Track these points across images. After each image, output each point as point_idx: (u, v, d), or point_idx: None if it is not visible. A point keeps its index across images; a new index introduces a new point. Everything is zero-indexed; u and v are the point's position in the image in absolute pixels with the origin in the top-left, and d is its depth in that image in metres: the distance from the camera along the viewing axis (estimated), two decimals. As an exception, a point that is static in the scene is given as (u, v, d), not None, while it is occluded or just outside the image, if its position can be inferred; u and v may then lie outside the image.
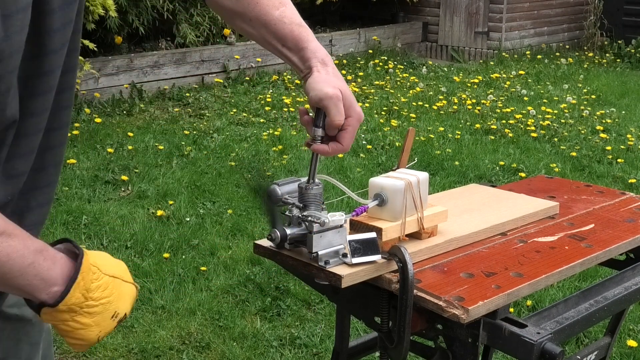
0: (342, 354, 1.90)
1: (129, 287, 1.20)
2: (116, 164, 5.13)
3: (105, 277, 1.15)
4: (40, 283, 1.09)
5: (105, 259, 1.18)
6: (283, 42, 1.42)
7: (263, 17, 1.40)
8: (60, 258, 1.12)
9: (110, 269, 1.17)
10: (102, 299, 1.13)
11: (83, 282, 1.11)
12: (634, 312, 3.38)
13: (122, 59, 7.14)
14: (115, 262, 1.20)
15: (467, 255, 1.61)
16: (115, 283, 1.16)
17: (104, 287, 1.14)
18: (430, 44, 10.36)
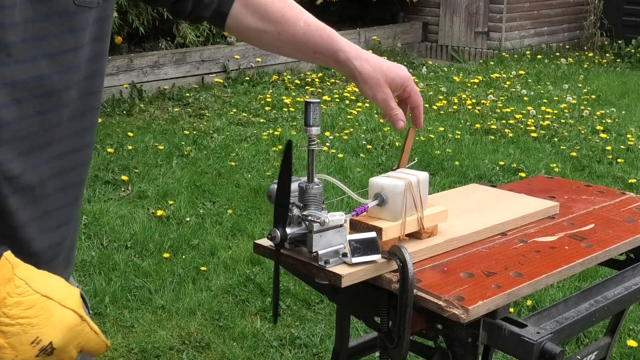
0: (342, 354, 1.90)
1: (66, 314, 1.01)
2: (116, 164, 5.13)
3: (33, 295, 0.98)
4: None
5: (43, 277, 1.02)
6: (315, 49, 1.45)
7: (291, 29, 1.42)
8: None
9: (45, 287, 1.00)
10: (21, 318, 0.97)
11: None
12: (634, 312, 3.38)
13: (122, 59, 7.14)
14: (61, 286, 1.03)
15: (467, 255, 1.61)
16: (46, 304, 0.99)
17: (28, 305, 0.97)
18: (430, 44, 10.36)
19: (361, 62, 1.45)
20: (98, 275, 3.63)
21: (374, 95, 1.48)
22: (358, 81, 1.47)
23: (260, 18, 1.42)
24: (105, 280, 3.58)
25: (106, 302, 3.36)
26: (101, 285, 3.52)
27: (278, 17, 1.41)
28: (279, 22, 1.41)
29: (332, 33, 1.46)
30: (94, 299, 3.39)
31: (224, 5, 1.40)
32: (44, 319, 0.98)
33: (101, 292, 3.44)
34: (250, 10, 1.41)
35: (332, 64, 1.46)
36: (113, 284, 3.53)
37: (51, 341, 0.99)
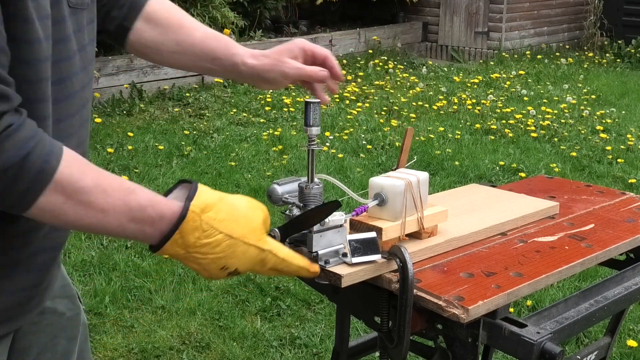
0: (342, 354, 1.90)
1: (249, 249, 1.16)
2: (116, 164, 5.13)
3: (218, 235, 1.13)
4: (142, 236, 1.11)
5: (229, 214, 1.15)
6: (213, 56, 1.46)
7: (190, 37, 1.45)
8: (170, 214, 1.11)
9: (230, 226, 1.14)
10: (210, 254, 1.13)
11: (182, 240, 1.11)
12: (634, 312, 3.38)
13: (122, 59, 7.14)
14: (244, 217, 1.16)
15: (467, 255, 1.61)
16: (229, 243, 1.14)
17: (214, 244, 1.13)
18: (430, 44, 10.36)
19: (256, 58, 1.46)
20: (98, 275, 3.63)
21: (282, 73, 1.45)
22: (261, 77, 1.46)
23: (161, 31, 1.45)
24: (105, 280, 3.58)
25: (106, 302, 3.36)
26: (101, 285, 3.52)
27: (177, 27, 1.45)
28: (178, 31, 1.44)
29: (229, 39, 1.49)
30: (94, 299, 3.39)
31: (128, 20, 1.43)
32: (229, 253, 1.14)
33: (101, 292, 3.44)
34: (151, 24, 1.45)
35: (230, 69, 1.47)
36: (113, 284, 3.53)
37: (236, 268, 1.17)
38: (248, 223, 1.17)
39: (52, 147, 1.02)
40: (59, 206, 1.03)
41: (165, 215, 1.11)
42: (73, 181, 1.03)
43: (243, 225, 1.16)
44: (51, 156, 1.01)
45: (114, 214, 1.07)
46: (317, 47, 1.49)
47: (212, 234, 1.12)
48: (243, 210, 1.17)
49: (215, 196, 1.15)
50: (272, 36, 8.86)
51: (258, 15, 8.74)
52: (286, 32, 9.14)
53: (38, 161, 1.00)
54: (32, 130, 1.01)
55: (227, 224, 1.14)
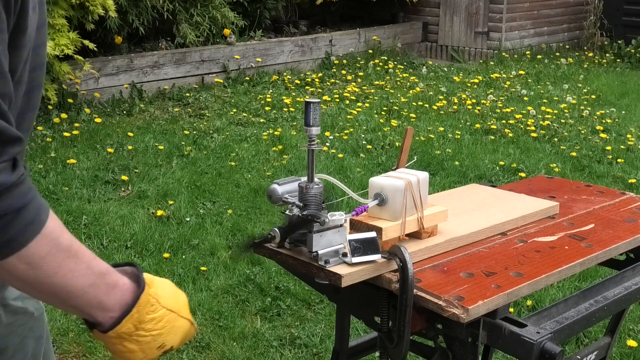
0: (342, 354, 1.90)
1: (183, 323, 1.21)
2: (116, 164, 5.13)
3: (162, 310, 1.17)
4: (97, 306, 1.12)
5: (168, 290, 1.20)
6: None
7: None
8: (122, 284, 1.14)
9: (169, 301, 1.18)
10: (153, 330, 1.16)
11: (137, 314, 1.14)
12: (634, 312, 3.38)
13: (122, 59, 7.14)
14: (176, 294, 1.22)
15: (467, 255, 1.61)
16: (170, 317, 1.18)
17: (158, 319, 1.16)
18: (430, 44, 10.36)
19: None
20: (98, 275, 3.62)
21: None
22: None
23: None
24: (105, 280, 3.57)
25: (106, 302, 3.36)
26: (101, 285, 3.51)
27: None
28: None
29: None
30: (94, 299, 3.39)
31: None
32: (169, 329, 1.18)
33: (101, 292, 3.44)
34: None
35: None
36: (113, 284, 3.53)
37: (172, 345, 1.20)
38: (180, 299, 1.22)
39: (42, 202, 1.06)
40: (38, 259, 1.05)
41: (119, 285, 1.13)
42: (55, 237, 1.06)
43: (177, 301, 1.21)
44: (41, 210, 1.05)
45: (80, 277, 1.09)
46: None
47: (157, 309, 1.16)
48: (172, 288, 1.22)
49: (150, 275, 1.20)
50: (272, 36, 8.86)
51: (258, 15, 8.74)
52: (286, 32, 9.14)
53: (32, 213, 1.03)
54: (30, 183, 1.05)
55: (166, 299, 1.18)
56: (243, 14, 8.43)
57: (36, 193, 1.05)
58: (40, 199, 1.06)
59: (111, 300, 1.12)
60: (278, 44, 8.42)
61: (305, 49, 8.66)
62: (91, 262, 1.11)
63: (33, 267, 1.04)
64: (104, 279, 1.12)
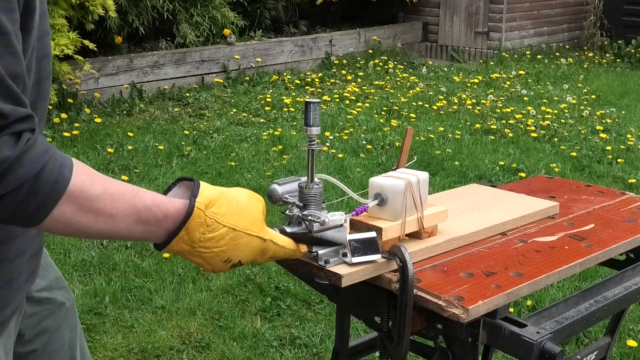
0: (342, 354, 1.90)
1: (251, 240, 1.20)
2: (116, 164, 5.13)
3: (222, 229, 1.16)
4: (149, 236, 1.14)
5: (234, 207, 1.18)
6: None
7: None
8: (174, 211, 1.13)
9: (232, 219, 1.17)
10: (214, 247, 1.16)
11: (188, 236, 1.13)
12: (634, 312, 3.38)
13: (122, 59, 7.14)
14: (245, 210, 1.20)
15: (467, 255, 1.61)
16: (233, 235, 1.17)
17: (218, 238, 1.16)
18: (430, 44, 10.36)
19: None
20: (98, 275, 3.63)
21: None
22: None
23: None
24: (105, 280, 3.58)
25: (106, 302, 3.36)
26: (101, 285, 3.52)
27: None
28: None
29: None
30: (94, 299, 3.39)
31: None
32: (232, 245, 1.17)
33: (101, 292, 3.44)
34: None
35: None
36: (113, 284, 3.53)
37: (240, 259, 1.20)
38: (249, 215, 1.20)
39: (63, 160, 1.04)
40: (71, 215, 1.05)
41: (169, 213, 1.13)
42: (84, 190, 1.05)
43: (245, 218, 1.19)
44: (64, 168, 1.03)
45: (122, 218, 1.09)
46: None
47: (216, 228, 1.15)
48: (244, 203, 1.20)
49: (217, 191, 1.18)
50: (272, 36, 8.86)
51: (258, 15, 8.74)
52: (286, 32, 9.14)
53: (52, 174, 1.02)
54: (45, 145, 1.03)
55: (229, 217, 1.17)
56: (243, 14, 8.43)
57: (54, 152, 1.04)
58: (61, 156, 1.04)
59: (163, 229, 1.13)
60: (278, 44, 8.42)
61: (305, 49, 8.66)
62: (133, 200, 1.10)
63: (69, 224, 1.05)
64: (150, 213, 1.11)
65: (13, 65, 1.00)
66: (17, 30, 1.01)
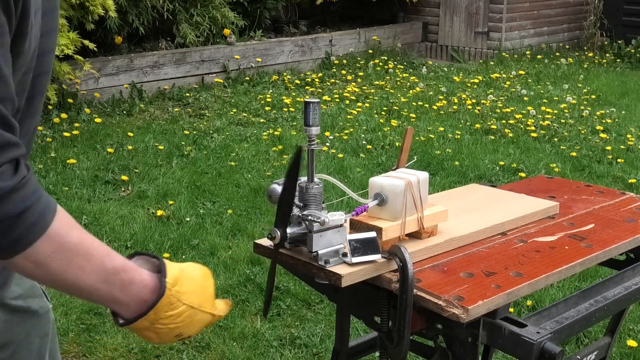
0: (342, 354, 1.90)
1: (205, 316, 1.22)
2: (116, 164, 5.13)
3: (182, 306, 1.17)
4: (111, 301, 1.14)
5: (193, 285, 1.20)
6: None
7: None
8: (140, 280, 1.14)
9: (191, 297, 1.18)
10: (170, 324, 1.17)
11: (154, 315, 1.15)
12: (634, 312, 3.38)
13: (122, 59, 7.14)
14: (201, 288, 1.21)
15: (467, 255, 1.61)
16: (190, 312, 1.19)
17: (177, 315, 1.17)
18: (430, 44, 10.36)
19: None
20: (98, 275, 3.62)
21: None
22: None
23: None
24: (105, 280, 3.57)
25: (106, 302, 3.36)
26: (101, 285, 3.51)
27: None
28: None
29: None
30: (94, 299, 3.39)
31: None
32: (188, 322, 1.19)
33: (101, 292, 3.43)
34: None
35: None
36: (113, 284, 3.53)
37: (189, 334, 1.21)
38: (204, 293, 1.22)
39: (48, 203, 1.06)
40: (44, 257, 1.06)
41: (135, 281, 1.14)
42: (62, 236, 1.07)
43: (200, 295, 1.21)
44: (47, 211, 1.05)
45: (91, 274, 1.10)
46: None
47: (177, 306, 1.17)
48: (199, 281, 1.22)
49: (178, 269, 1.19)
50: (272, 36, 8.86)
51: (258, 15, 8.74)
52: (286, 32, 9.14)
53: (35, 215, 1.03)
54: (35, 185, 1.05)
55: (188, 295, 1.18)
56: (243, 14, 8.43)
57: (42, 194, 1.05)
58: (47, 199, 1.06)
59: (127, 296, 1.13)
60: (278, 44, 8.42)
61: (305, 49, 8.66)
62: (104, 259, 1.11)
63: (39, 265, 1.06)
64: (118, 276, 1.12)
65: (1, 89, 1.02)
66: (5, 54, 1.02)
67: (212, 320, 1.24)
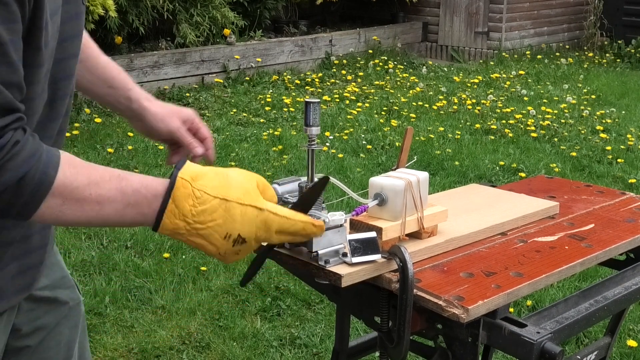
0: (342, 354, 1.90)
1: (246, 210, 1.16)
2: (116, 164, 5.13)
3: (213, 200, 1.14)
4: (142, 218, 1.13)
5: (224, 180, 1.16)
6: (110, 84, 1.51)
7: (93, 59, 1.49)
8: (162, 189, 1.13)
9: (223, 190, 1.15)
10: (209, 221, 1.13)
11: (177, 209, 1.12)
12: (634, 312, 3.38)
13: (122, 59, 7.14)
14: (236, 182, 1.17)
15: (467, 255, 1.60)
16: (225, 206, 1.14)
17: (211, 210, 1.13)
18: (430, 44, 10.36)
19: (150, 102, 1.54)
20: (98, 275, 3.63)
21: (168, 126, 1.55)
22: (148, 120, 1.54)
23: None
24: (105, 280, 3.58)
25: (106, 302, 3.36)
26: (101, 285, 3.52)
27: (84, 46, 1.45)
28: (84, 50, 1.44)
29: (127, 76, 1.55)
30: (94, 299, 3.39)
31: None
32: (228, 217, 1.14)
33: (101, 292, 3.44)
34: None
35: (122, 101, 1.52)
36: (113, 284, 3.53)
37: (239, 233, 1.15)
38: (241, 187, 1.17)
39: (50, 158, 1.07)
40: (57, 209, 1.07)
41: (159, 192, 1.13)
42: (67, 184, 1.07)
43: (236, 189, 1.16)
44: (48, 167, 1.06)
45: (110, 204, 1.10)
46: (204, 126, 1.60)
47: (207, 200, 1.13)
48: (235, 177, 1.18)
49: (206, 168, 1.18)
50: (272, 36, 8.86)
51: (258, 15, 8.74)
52: (286, 32, 9.14)
53: (37, 176, 1.04)
54: (33, 148, 1.05)
55: (219, 189, 1.15)
56: (243, 14, 8.43)
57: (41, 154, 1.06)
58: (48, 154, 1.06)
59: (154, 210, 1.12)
60: (278, 44, 8.42)
61: (305, 49, 8.66)
62: (119, 185, 1.11)
63: (57, 216, 1.08)
64: (139, 195, 1.12)
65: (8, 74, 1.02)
66: (15, 40, 1.02)
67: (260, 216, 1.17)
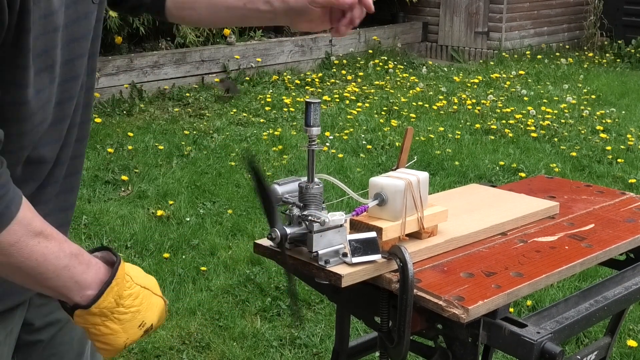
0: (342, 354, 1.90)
1: (158, 300, 1.24)
2: (116, 164, 5.13)
3: (137, 286, 1.19)
4: (74, 285, 1.14)
5: (138, 271, 1.23)
6: None
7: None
8: (95, 263, 1.17)
9: (142, 280, 1.22)
10: (132, 307, 1.18)
11: (117, 287, 1.16)
12: (634, 312, 3.38)
13: (122, 59, 7.14)
14: (146, 275, 1.25)
15: (467, 255, 1.60)
16: (145, 294, 1.20)
17: (135, 296, 1.18)
18: (430, 44, 10.36)
19: None
20: (98, 275, 3.62)
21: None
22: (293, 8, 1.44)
23: None
24: (105, 280, 3.57)
25: (106, 302, 3.36)
26: (101, 285, 3.51)
27: None
28: None
29: None
30: (94, 299, 3.39)
31: None
32: (146, 306, 1.20)
33: (101, 292, 3.43)
34: None
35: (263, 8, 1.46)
36: (113, 284, 3.53)
37: (152, 323, 1.21)
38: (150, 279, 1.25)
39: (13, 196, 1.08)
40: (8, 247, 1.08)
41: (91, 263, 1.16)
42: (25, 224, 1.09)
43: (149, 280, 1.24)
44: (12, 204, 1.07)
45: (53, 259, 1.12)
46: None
47: (133, 285, 1.19)
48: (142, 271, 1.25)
49: None
50: (272, 36, 8.86)
51: (258, 15, 8.73)
52: (286, 32, 9.14)
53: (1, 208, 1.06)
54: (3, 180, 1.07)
55: (139, 278, 1.21)
56: (243, 14, 8.42)
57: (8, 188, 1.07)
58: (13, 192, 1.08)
59: (87, 278, 1.14)
60: (278, 44, 8.42)
61: (305, 49, 8.66)
62: (63, 245, 1.13)
63: (4, 254, 1.08)
64: (77, 259, 1.14)
65: None
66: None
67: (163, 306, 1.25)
